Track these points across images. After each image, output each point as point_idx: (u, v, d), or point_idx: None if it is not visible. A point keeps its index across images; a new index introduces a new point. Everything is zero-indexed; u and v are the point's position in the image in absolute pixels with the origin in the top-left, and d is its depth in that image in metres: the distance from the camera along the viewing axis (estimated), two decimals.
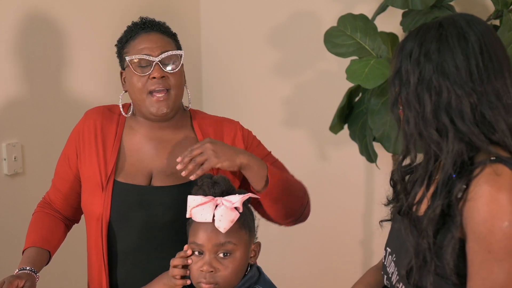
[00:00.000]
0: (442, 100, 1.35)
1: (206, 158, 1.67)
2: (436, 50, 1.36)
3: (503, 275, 1.28)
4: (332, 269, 3.02)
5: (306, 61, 2.95)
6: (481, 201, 1.28)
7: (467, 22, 1.39)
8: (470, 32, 1.37)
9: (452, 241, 1.32)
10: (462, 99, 1.34)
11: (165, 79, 1.76)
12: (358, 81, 2.26)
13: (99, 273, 1.82)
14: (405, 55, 1.40)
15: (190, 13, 3.15)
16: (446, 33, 1.37)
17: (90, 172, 1.83)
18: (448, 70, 1.35)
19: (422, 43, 1.38)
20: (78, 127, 1.90)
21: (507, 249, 1.27)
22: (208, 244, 1.52)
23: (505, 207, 1.27)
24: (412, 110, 1.38)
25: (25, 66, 2.48)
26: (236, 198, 1.53)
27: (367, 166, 2.82)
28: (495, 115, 1.34)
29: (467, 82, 1.34)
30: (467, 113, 1.33)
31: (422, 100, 1.37)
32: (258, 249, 1.62)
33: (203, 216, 1.52)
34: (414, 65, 1.38)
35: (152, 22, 1.84)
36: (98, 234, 1.80)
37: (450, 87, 1.34)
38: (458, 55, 1.35)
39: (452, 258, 1.33)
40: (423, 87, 1.37)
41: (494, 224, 1.27)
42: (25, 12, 2.46)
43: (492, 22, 2.30)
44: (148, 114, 1.80)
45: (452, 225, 1.33)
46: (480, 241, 1.29)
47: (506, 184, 1.29)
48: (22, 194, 2.46)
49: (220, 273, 1.52)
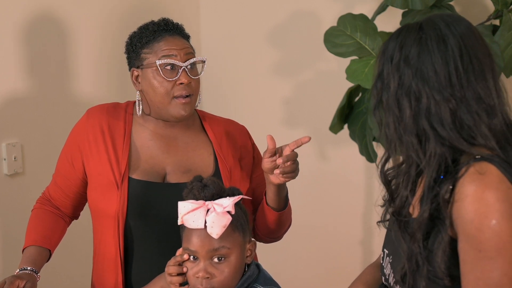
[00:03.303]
0: (421, 106, 1.34)
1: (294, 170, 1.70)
2: (416, 55, 1.36)
3: (496, 272, 1.28)
4: (332, 269, 3.02)
5: (306, 61, 2.95)
6: (467, 201, 1.29)
7: (447, 24, 1.37)
8: (450, 35, 1.35)
9: (442, 243, 1.33)
10: (441, 105, 1.33)
11: (190, 85, 1.79)
12: (358, 81, 2.26)
13: (114, 273, 1.80)
14: (387, 59, 1.40)
15: (190, 13, 3.15)
16: (426, 36, 1.36)
17: (100, 170, 1.81)
18: (427, 75, 1.34)
19: (402, 46, 1.38)
20: (80, 125, 1.89)
21: (497, 246, 1.27)
22: (202, 251, 1.51)
23: (492, 206, 1.27)
24: (391, 115, 1.38)
25: (26, 65, 2.48)
26: (227, 202, 1.52)
27: (367, 166, 2.82)
28: (474, 120, 1.33)
29: (446, 88, 1.33)
30: (446, 119, 1.33)
31: (401, 105, 1.36)
32: (253, 248, 1.61)
33: (195, 222, 1.50)
34: (395, 69, 1.37)
35: (174, 24, 1.84)
36: (115, 232, 1.78)
37: (429, 93, 1.33)
38: (437, 59, 1.34)
39: (443, 261, 1.33)
40: (402, 92, 1.36)
41: (482, 222, 1.27)
42: (26, 12, 2.46)
43: (492, 22, 2.30)
44: (168, 116, 1.80)
45: (441, 228, 1.33)
46: (470, 240, 1.29)
47: (491, 182, 1.29)
48: (22, 194, 2.46)
49: (216, 278, 1.52)
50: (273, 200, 1.78)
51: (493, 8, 2.31)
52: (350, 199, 2.93)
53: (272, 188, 1.76)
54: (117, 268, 1.79)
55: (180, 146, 1.86)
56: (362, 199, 2.90)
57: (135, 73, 1.83)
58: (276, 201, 1.78)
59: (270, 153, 1.70)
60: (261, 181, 1.88)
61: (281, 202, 1.79)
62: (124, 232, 1.79)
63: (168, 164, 1.84)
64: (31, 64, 2.49)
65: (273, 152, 1.70)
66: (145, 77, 1.80)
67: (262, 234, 1.91)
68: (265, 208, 1.81)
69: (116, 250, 1.79)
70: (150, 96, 1.80)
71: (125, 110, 1.89)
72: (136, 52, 1.82)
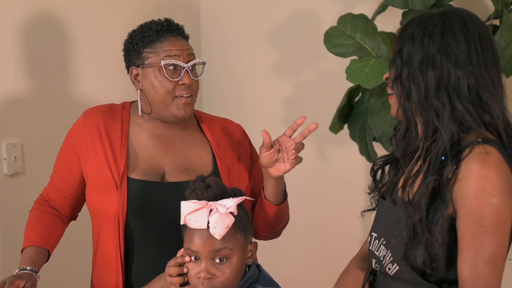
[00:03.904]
0: (442, 79, 1.42)
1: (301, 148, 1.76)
2: (440, 34, 1.45)
3: (494, 247, 1.37)
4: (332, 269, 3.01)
5: (306, 61, 2.95)
6: (472, 179, 1.37)
7: (469, 15, 1.49)
8: (472, 23, 1.46)
9: (441, 219, 1.40)
10: (461, 79, 1.42)
11: (191, 85, 1.80)
12: (358, 81, 2.26)
13: (114, 273, 1.80)
14: (407, 38, 1.48)
15: (190, 13, 3.15)
16: (450, 20, 1.46)
17: (98, 171, 1.81)
18: (451, 51, 1.43)
19: (425, 26, 1.47)
20: (76, 127, 1.89)
21: (497, 223, 1.37)
22: (204, 251, 1.51)
23: (495, 184, 1.36)
24: (416, 85, 1.45)
25: (26, 65, 2.47)
26: (230, 203, 1.52)
27: (367, 166, 2.81)
28: (492, 98, 1.43)
29: (467, 65, 1.43)
30: (463, 92, 1.42)
31: (426, 76, 1.44)
32: (254, 249, 1.61)
33: (197, 223, 1.50)
34: (419, 45, 1.45)
35: (176, 25, 1.85)
36: (115, 233, 1.78)
37: (451, 68, 1.42)
38: (460, 40, 1.44)
39: (440, 235, 1.40)
40: (427, 64, 1.44)
41: (485, 199, 1.36)
42: (26, 12, 2.46)
43: (492, 22, 2.30)
44: (169, 116, 1.81)
45: (442, 204, 1.41)
46: (471, 216, 1.37)
47: (493, 162, 1.38)
48: (22, 194, 2.46)
49: (218, 279, 1.52)
50: (273, 194, 1.80)
51: (493, 8, 2.31)
52: (350, 199, 2.92)
53: (271, 182, 1.78)
54: (117, 268, 1.79)
55: (178, 145, 1.86)
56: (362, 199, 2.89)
57: (134, 72, 1.83)
58: (275, 195, 1.80)
59: (266, 148, 1.72)
60: (259, 178, 1.90)
61: (280, 196, 1.81)
62: (124, 232, 1.79)
63: (166, 163, 1.84)
64: (31, 64, 2.49)
65: (269, 146, 1.72)
66: (146, 77, 1.81)
67: (261, 231, 1.91)
68: (264, 203, 1.82)
69: (116, 251, 1.79)
70: (151, 96, 1.81)
71: (122, 111, 1.89)
72: (137, 51, 1.82)
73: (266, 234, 1.93)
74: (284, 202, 1.84)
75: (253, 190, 1.92)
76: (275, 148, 1.73)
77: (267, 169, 1.75)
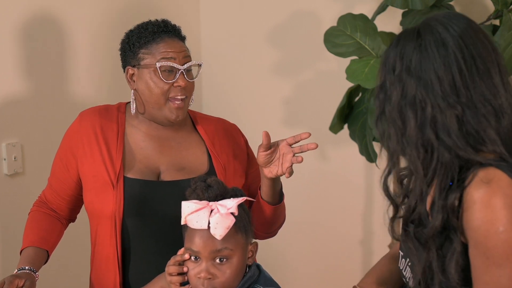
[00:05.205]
0: (426, 115, 1.31)
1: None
2: (418, 63, 1.33)
3: (505, 279, 1.27)
4: (332, 269, 3.02)
5: (306, 61, 2.95)
6: (474, 208, 1.27)
7: (445, 27, 1.34)
8: (449, 38, 1.33)
9: (455, 254, 1.32)
10: (447, 112, 1.30)
11: (185, 87, 1.80)
12: (358, 80, 2.26)
13: (112, 273, 1.80)
14: (388, 70, 1.37)
15: (190, 13, 3.15)
16: (425, 42, 1.33)
17: (95, 171, 1.82)
18: (431, 83, 1.31)
19: (403, 56, 1.35)
20: (73, 128, 1.90)
21: (505, 254, 1.26)
22: (205, 251, 1.51)
23: (499, 212, 1.26)
24: (394, 127, 1.36)
25: (26, 66, 2.47)
26: (231, 203, 1.51)
27: (367, 166, 2.82)
28: (482, 124, 1.31)
29: (451, 94, 1.31)
30: (452, 127, 1.30)
31: (404, 116, 1.34)
32: (255, 249, 1.61)
33: (198, 223, 1.50)
34: (397, 80, 1.35)
35: (173, 26, 1.86)
36: (112, 232, 1.79)
37: (433, 101, 1.31)
38: (439, 65, 1.31)
39: (456, 272, 1.31)
40: (406, 102, 1.33)
41: (489, 229, 1.26)
42: (26, 12, 2.46)
43: (492, 22, 2.30)
44: (162, 118, 1.82)
45: (454, 237, 1.32)
46: (478, 247, 1.29)
47: (497, 188, 1.27)
48: (22, 194, 2.46)
49: (218, 279, 1.51)
50: (268, 194, 1.80)
51: (493, 8, 2.31)
52: (350, 199, 2.93)
53: (266, 182, 1.77)
54: (115, 268, 1.79)
55: (173, 146, 1.87)
56: (362, 199, 2.90)
57: (130, 72, 1.84)
58: (270, 195, 1.80)
59: (264, 148, 1.72)
60: (256, 177, 1.90)
61: (275, 196, 1.81)
62: (121, 232, 1.79)
63: (162, 163, 1.85)
64: (31, 64, 2.49)
65: (267, 147, 1.72)
66: (141, 77, 1.81)
67: (257, 229, 1.90)
68: (260, 203, 1.82)
69: (114, 250, 1.79)
70: (146, 96, 1.81)
71: (117, 111, 1.90)
72: (133, 51, 1.82)
73: (262, 234, 1.93)
74: (280, 203, 1.83)
75: (250, 189, 1.93)
76: (272, 150, 1.73)
77: (262, 168, 1.75)
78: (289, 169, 1.72)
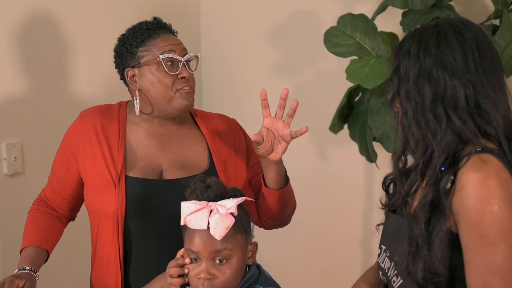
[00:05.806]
0: (439, 90, 1.39)
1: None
2: (435, 45, 1.41)
3: (499, 257, 1.30)
4: (332, 269, 3.02)
5: (306, 61, 2.95)
6: (469, 188, 1.32)
7: (463, 22, 1.44)
8: (466, 30, 1.42)
9: (440, 233, 1.36)
10: (458, 89, 1.38)
11: (189, 79, 1.83)
12: (358, 80, 2.26)
13: (113, 273, 1.80)
14: (403, 54, 1.45)
15: (190, 13, 3.15)
16: (444, 30, 1.42)
17: (96, 170, 1.82)
18: (447, 61, 1.39)
19: (420, 40, 1.43)
20: (73, 127, 1.89)
21: (499, 232, 1.30)
22: (204, 252, 1.51)
23: (494, 191, 1.30)
24: (412, 102, 1.42)
25: (25, 66, 2.47)
26: (230, 203, 1.51)
27: (367, 165, 2.82)
28: (492, 105, 1.38)
29: (464, 74, 1.38)
30: (460, 103, 1.38)
31: (422, 91, 1.41)
32: (255, 249, 1.61)
33: (198, 223, 1.50)
34: (414, 60, 1.42)
35: (165, 23, 1.88)
36: (114, 232, 1.78)
37: (447, 78, 1.39)
38: (456, 48, 1.40)
39: (439, 250, 1.36)
40: (423, 79, 1.41)
41: (484, 208, 1.30)
42: (26, 12, 2.46)
43: (492, 22, 2.30)
44: (172, 110, 1.82)
45: (441, 217, 1.36)
46: (472, 226, 1.32)
47: (492, 170, 1.32)
48: (22, 194, 2.46)
49: (218, 279, 1.52)
50: (275, 180, 1.81)
51: (493, 8, 2.31)
52: (350, 199, 2.93)
53: (273, 168, 1.79)
54: (116, 267, 1.79)
55: (174, 143, 1.87)
56: (362, 199, 2.90)
57: (130, 73, 1.84)
58: (277, 179, 1.81)
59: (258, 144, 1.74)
60: (258, 169, 1.92)
61: (281, 180, 1.82)
62: (123, 231, 1.79)
63: (163, 161, 1.85)
64: (30, 64, 2.49)
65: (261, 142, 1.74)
66: (143, 75, 1.81)
67: (269, 219, 1.92)
68: (266, 192, 1.83)
69: (115, 250, 1.79)
70: (151, 93, 1.81)
71: (118, 110, 1.90)
72: (131, 51, 1.83)
73: (275, 223, 1.94)
74: (287, 185, 1.84)
75: (252, 181, 1.94)
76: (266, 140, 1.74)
77: (264, 158, 1.76)
78: (292, 133, 1.75)
